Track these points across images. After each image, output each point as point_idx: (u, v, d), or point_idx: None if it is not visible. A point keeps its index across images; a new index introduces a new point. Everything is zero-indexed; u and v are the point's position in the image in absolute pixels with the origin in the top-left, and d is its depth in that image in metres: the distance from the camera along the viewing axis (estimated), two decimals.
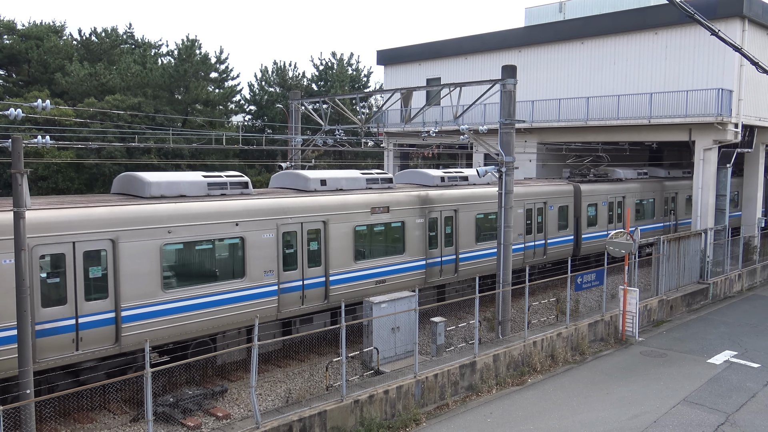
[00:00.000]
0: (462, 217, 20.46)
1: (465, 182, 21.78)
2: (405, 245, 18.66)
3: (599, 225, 26.96)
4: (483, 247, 21.25)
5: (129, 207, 13.22)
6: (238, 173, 16.21)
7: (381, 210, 17.86)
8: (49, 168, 33.89)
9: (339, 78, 56.74)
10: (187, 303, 13.83)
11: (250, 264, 14.91)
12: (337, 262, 16.73)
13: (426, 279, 19.30)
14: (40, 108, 11.69)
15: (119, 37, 52.25)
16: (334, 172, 18.40)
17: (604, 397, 14.86)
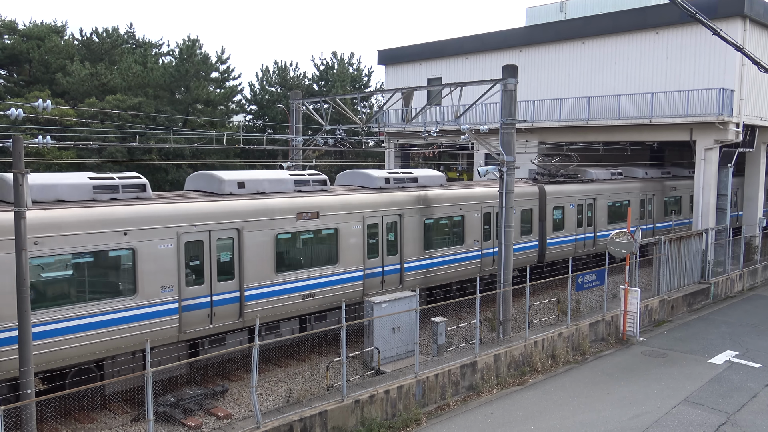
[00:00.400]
0: (408, 222, 18.87)
1: (413, 184, 20.11)
2: (339, 254, 16.95)
3: (566, 229, 25.34)
4: (433, 255, 19.72)
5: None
6: (135, 174, 14.32)
7: (309, 215, 16.21)
8: (50, 168, 33.91)
9: (340, 78, 56.75)
10: (63, 325, 12.14)
11: (143, 279, 13.08)
12: (254, 275, 14.97)
13: (364, 291, 17.66)
14: (41, 108, 11.69)
15: (120, 37, 52.27)
16: (256, 173, 16.70)
17: (605, 397, 14.85)
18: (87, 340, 12.41)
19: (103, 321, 12.58)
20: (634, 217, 28.47)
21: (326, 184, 17.67)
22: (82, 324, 12.35)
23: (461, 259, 20.68)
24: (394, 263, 18.59)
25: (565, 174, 27.16)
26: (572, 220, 25.56)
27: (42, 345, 11.74)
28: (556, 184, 25.35)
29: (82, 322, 12.33)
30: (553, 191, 24.75)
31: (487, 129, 19.77)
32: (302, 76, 57.56)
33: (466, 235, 20.84)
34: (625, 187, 28.74)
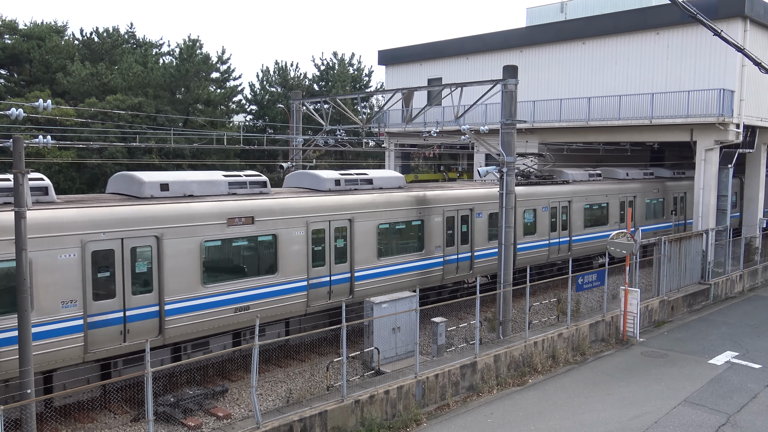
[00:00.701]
0: (360, 227, 17.57)
1: (368, 186, 18.87)
2: (278, 263, 15.62)
3: (539, 233, 23.97)
4: (389, 262, 18.44)
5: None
6: (38, 176, 13.13)
7: (242, 221, 14.90)
8: (50, 168, 33.93)
9: (340, 78, 56.76)
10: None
11: (39, 294, 11.92)
12: (177, 287, 13.69)
13: (308, 303, 16.38)
14: (42, 108, 11.69)
15: (121, 37, 52.29)
16: (184, 174, 15.49)
17: (605, 398, 14.85)
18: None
19: None
20: (613, 220, 27.76)
21: (266, 186, 16.44)
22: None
23: (421, 267, 19.41)
24: (343, 272, 17.26)
25: (539, 175, 26.13)
26: (545, 223, 24.28)
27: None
28: (527, 185, 24.10)
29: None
30: (524, 193, 23.36)
31: (488, 129, 19.78)
32: (303, 76, 57.59)
33: (427, 240, 19.59)
34: (604, 188, 27.58)
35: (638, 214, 29.37)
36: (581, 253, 26.17)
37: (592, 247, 26.65)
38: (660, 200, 31.14)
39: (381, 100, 53.56)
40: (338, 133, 24.58)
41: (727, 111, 24.76)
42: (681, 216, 32.78)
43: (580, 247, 26.07)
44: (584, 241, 26.19)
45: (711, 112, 24.93)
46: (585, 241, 26.25)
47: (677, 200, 32.36)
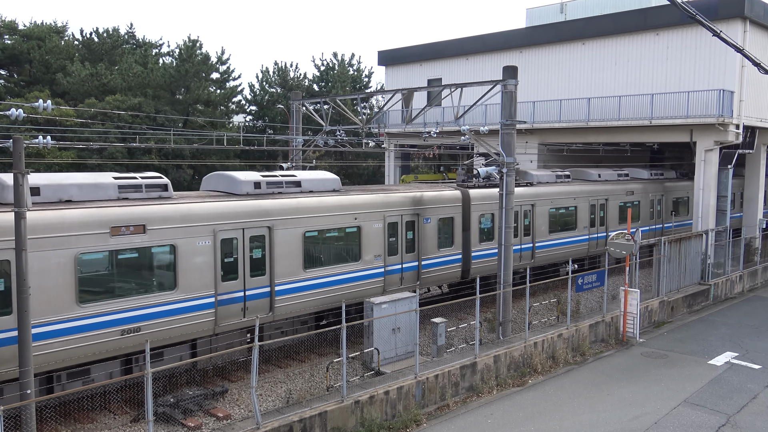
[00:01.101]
0: (282, 236, 15.78)
1: (295, 189, 17.11)
2: (177, 278, 13.84)
3: (497, 240, 21.04)
4: (318, 274, 16.57)
5: None
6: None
7: (130, 230, 13.07)
8: (50, 168, 33.93)
9: (340, 78, 56.76)
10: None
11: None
12: (43, 308, 11.92)
13: (217, 322, 14.60)
14: (42, 108, 11.70)
15: (121, 38, 52.30)
16: (63, 176, 13.69)
17: (604, 398, 14.85)
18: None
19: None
20: (582, 225, 26.15)
21: (167, 190, 14.65)
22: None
23: (357, 278, 17.66)
24: (261, 285, 15.41)
25: None
26: None
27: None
28: (485, 188, 22.27)
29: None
30: (480, 196, 21.64)
31: (488, 130, 19.78)
32: (302, 76, 57.59)
33: (364, 249, 17.78)
34: (572, 190, 25.66)
35: (611, 218, 27.54)
36: (546, 261, 24.42)
37: (558, 254, 24.70)
38: (636, 203, 29.24)
39: (381, 100, 53.58)
40: (338, 134, 24.52)
41: (726, 112, 24.78)
42: (659, 220, 30.92)
43: (544, 255, 24.29)
44: (549, 247, 24.41)
45: (711, 113, 24.95)
46: (550, 248, 24.45)
47: (655, 203, 30.59)
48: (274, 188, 16.69)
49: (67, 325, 12.34)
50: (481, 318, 17.46)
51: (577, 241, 25.92)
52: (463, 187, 21.89)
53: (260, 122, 51.40)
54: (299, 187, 17.25)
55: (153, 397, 10.39)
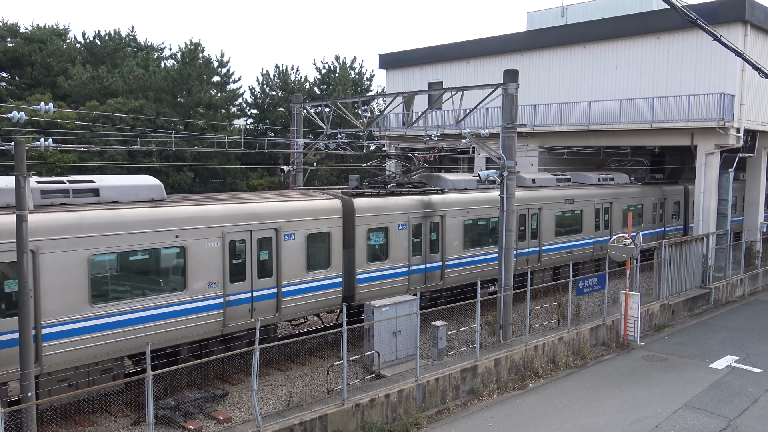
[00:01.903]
0: (54, 261, 12.05)
1: (90, 198, 13.44)
2: None
3: (392, 259, 18.63)
4: (116, 310, 12.89)
5: None
6: None
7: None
8: (51, 171, 33.97)
9: (341, 82, 56.82)
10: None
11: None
12: None
13: None
14: (43, 111, 11.72)
15: (122, 41, 52.40)
16: None
17: (605, 402, 14.84)
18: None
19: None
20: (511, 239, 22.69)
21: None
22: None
23: (180, 312, 13.87)
24: (7, 330, 11.57)
25: (404, 182, 21.15)
26: (402, 246, 18.86)
27: None
28: (375, 197, 18.75)
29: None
30: (368, 207, 18.06)
31: (488, 133, 19.81)
32: (303, 79, 57.66)
33: (192, 275, 14.06)
34: (492, 197, 21.55)
35: (545, 229, 23.89)
36: (459, 281, 20.79)
37: (474, 274, 20.83)
38: (577, 212, 25.39)
39: (382, 103, 53.63)
40: (339, 137, 24.54)
41: (727, 115, 24.80)
42: (606, 231, 26.98)
43: (457, 275, 20.69)
44: (463, 266, 20.88)
45: (711, 117, 24.97)
46: (464, 266, 20.92)
47: (601, 212, 26.74)
48: (56, 198, 13.02)
49: None
50: (481, 321, 17.45)
51: (496, 258, 21.12)
52: (348, 196, 18.01)
53: (261, 125, 51.48)
54: (96, 197, 13.60)
55: (154, 399, 10.40)
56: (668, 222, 31.40)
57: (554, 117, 29.98)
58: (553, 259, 24.55)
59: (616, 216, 27.57)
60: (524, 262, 23.15)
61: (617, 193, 27.93)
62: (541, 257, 23.96)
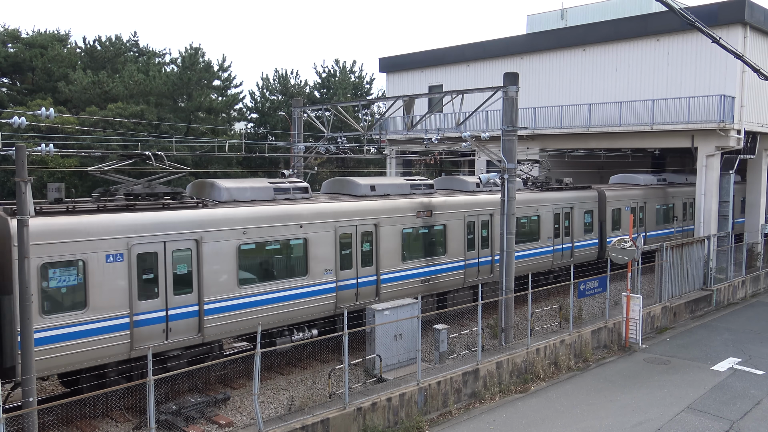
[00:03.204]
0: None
1: None
2: None
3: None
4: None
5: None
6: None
7: None
8: (53, 176, 34.01)
9: (341, 85, 56.92)
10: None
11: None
12: None
13: None
14: (44, 116, 11.74)
15: (123, 45, 52.53)
16: None
17: (607, 405, 14.81)
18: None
19: None
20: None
21: None
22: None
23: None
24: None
25: (140, 193, 14.59)
26: (117, 288, 12.79)
27: None
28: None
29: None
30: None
31: (489, 136, 19.83)
32: (303, 83, 57.78)
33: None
34: (296, 212, 16.35)
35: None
36: (226, 333, 14.85)
37: (253, 323, 14.82)
38: (440, 230, 19.86)
39: (382, 107, 53.70)
40: (339, 141, 24.58)
41: (728, 117, 24.80)
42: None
43: (224, 325, 14.71)
44: (238, 309, 14.86)
45: (712, 119, 24.97)
46: (239, 311, 14.87)
47: (477, 227, 20.96)
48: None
49: None
50: (483, 324, 17.44)
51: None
52: None
53: (261, 129, 51.54)
54: None
55: (155, 404, 10.39)
56: (578, 236, 25.33)
57: (554, 120, 30.00)
58: None
59: (497, 232, 20.31)
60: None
61: (477, 201, 21.20)
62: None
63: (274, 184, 16.83)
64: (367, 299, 17.52)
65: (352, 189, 19.14)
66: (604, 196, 26.78)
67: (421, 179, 20.86)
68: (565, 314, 19.97)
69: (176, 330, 13.74)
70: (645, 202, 29.03)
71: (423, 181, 20.49)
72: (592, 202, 26.30)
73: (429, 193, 20.22)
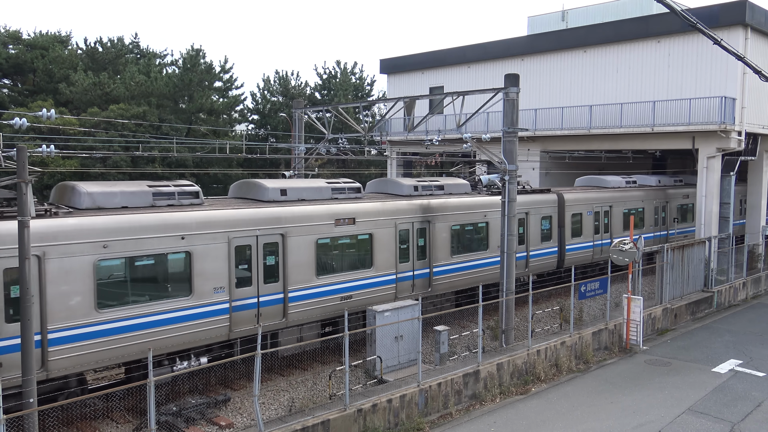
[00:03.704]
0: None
1: None
2: None
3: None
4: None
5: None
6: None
7: None
8: (53, 177, 34.06)
9: (342, 87, 56.98)
10: None
11: None
12: None
13: None
14: (45, 117, 11.75)
15: (125, 47, 52.59)
16: None
17: (608, 407, 14.79)
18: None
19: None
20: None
21: None
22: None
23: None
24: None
25: None
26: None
27: None
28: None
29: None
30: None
31: (489, 137, 19.80)
32: (304, 85, 57.84)
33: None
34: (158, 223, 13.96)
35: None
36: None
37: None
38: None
39: (383, 108, 53.73)
40: (340, 142, 24.57)
41: (728, 119, 24.79)
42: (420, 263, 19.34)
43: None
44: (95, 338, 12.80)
45: (713, 120, 24.96)
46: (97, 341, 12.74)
47: (410, 235, 18.89)
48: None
49: None
50: (483, 326, 17.43)
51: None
52: None
53: (262, 131, 51.58)
54: None
55: (155, 405, 10.38)
56: (534, 244, 23.21)
57: (555, 121, 29.99)
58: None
59: (440, 241, 19.56)
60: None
61: (431, 206, 19.52)
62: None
63: (155, 188, 14.42)
64: (272, 320, 15.24)
65: (258, 193, 16.54)
66: (563, 199, 24.58)
67: (346, 182, 18.53)
68: (565, 316, 19.95)
69: None
70: (611, 206, 27.05)
71: (348, 185, 18.36)
72: (551, 207, 24.02)
73: (354, 198, 18.10)
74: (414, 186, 20.20)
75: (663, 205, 30.31)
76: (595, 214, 26.25)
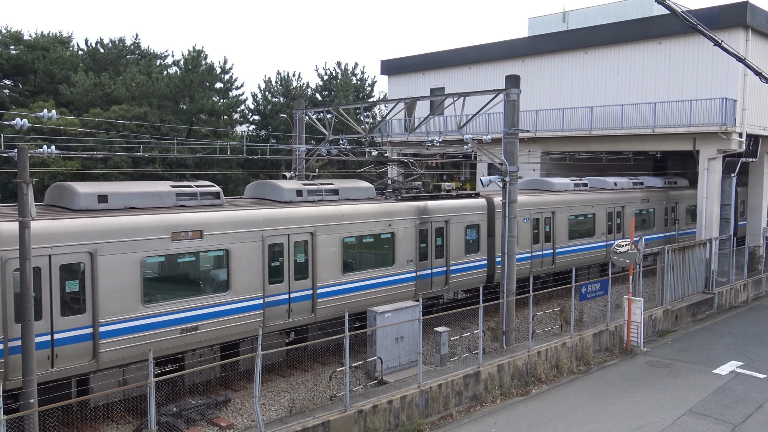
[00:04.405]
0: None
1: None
2: None
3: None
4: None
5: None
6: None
7: None
8: (54, 178, 34.06)
9: (343, 88, 57.00)
10: None
11: None
12: None
13: None
14: (46, 118, 11.77)
15: (126, 48, 52.64)
16: None
17: (608, 408, 14.78)
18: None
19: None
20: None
21: None
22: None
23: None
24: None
25: None
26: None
27: None
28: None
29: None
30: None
31: (490, 139, 19.78)
32: (305, 86, 57.88)
33: None
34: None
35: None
36: None
37: None
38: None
39: (384, 109, 53.74)
40: (341, 143, 24.58)
41: (729, 120, 24.79)
42: None
43: None
44: None
45: (714, 122, 24.95)
46: None
47: None
48: None
49: None
50: (484, 327, 17.42)
51: None
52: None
53: (263, 132, 51.60)
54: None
55: (156, 406, 10.38)
56: (455, 257, 20.29)
57: (556, 122, 29.99)
58: None
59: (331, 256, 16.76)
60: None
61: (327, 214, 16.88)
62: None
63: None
64: (78, 361, 12.18)
65: (67, 200, 13.25)
66: (493, 205, 21.41)
67: (200, 185, 15.28)
68: (566, 317, 19.95)
69: None
70: (553, 211, 23.82)
71: (201, 188, 15.04)
72: (479, 214, 21.02)
73: (206, 206, 14.78)
74: (297, 190, 16.85)
75: (619, 211, 27.20)
76: (534, 221, 23.14)
